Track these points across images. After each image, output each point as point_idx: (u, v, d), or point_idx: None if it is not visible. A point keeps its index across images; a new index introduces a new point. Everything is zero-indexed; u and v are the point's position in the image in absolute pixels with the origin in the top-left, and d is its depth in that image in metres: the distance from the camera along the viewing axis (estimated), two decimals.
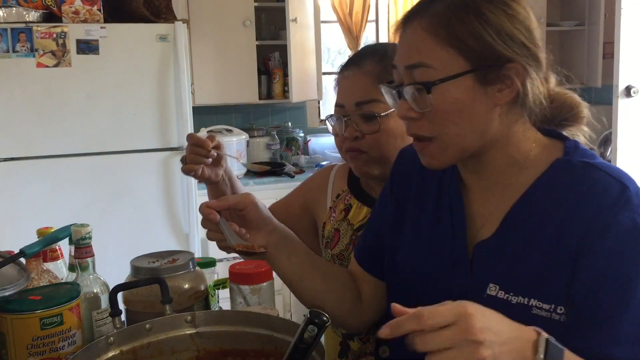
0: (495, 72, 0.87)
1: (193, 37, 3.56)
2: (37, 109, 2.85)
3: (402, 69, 0.91)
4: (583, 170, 0.88)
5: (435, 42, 0.87)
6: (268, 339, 1.00)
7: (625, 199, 0.83)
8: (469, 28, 0.86)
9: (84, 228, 1.18)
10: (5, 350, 1.03)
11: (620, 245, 0.82)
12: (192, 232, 3.12)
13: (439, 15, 0.88)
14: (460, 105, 0.87)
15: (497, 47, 0.86)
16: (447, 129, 0.89)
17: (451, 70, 0.86)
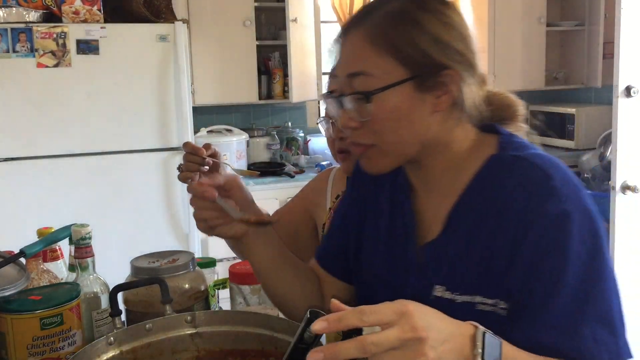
0: (432, 79, 0.89)
1: (193, 37, 3.56)
2: (37, 109, 2.86)
3: (343, 78, 0.92)
4: (513, 164, 0.91)
5: (375, 51, 0.89)
6: (268, 339, 1.00)
7: (549, 189, 0.86)
8: (406, 36, 0.89)
9: (84, 228, 1.18)
10: (5, 350, 1.03)
11: (548, 234, 0.84)
12: (192, 232, 3.12)
13: (377, 24, 0.90)
14: (400, 113, 0.90)
15: (434, 55, 0.89)
16: (386, 136, 0.91)
17: (390, 79, 0.89)
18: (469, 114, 0.94)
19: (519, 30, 4.04)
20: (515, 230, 0.86)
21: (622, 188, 2.86)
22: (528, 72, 4.08)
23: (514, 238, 0.87)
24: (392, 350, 0.67)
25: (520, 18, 4.03)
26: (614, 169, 2.88)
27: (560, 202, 0.85)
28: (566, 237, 0.83)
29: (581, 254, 0.83)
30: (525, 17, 4.05)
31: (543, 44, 4.10)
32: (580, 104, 4.19)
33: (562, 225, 0.84)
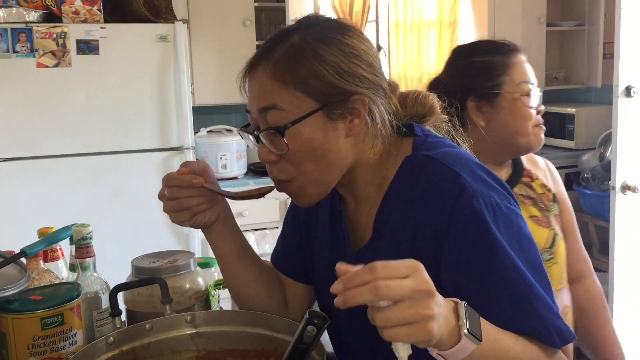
0: (341, 106, 0.92)
1: (193, 37, 3.56)
2: (37, 109, 2.86)
3: (256, 113, 0.94)
4: (424, 164, 0.95)
5: (282, 86, 0.91)
6: (268, 339, 1.00)
7: (460, 187, 0.89)
8: (309, 70, 0.91)
9: (85, 228, 1.18)
10: (6, 350, 1.03)
11: (467, 232, 0.87)
12: (192, 232, 3.12)
13: (280, 60, 0.92)
14: (314, 144, 0.92)
15: (339, 84, 0.92)
16: (304, 167, 0.94)
17: (300, 112, 0.91)
18: (381, 130, 0.98)
19: (519, 30, 4.04)
20: (435, 228, 0.90)
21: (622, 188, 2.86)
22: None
23: (436, 235, 0.89)
24: (401, 302, 0.70)
25: (520, 18, 4.04)
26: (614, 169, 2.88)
27: (472, 198, 0.87)
28: (480, 233, 0.86)
29: (504, 243, 0.86)
30: (525, 17, 4.05)
31: (543, 44, 4.10)
32: (580, 104, 4.19)
33: (477, 222, 0.86)
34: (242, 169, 3.59)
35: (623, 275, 2.52)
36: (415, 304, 0.70)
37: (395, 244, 0.95)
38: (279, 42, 0.94)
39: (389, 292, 0.69)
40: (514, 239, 0.88)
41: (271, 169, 0.97)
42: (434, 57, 4.46)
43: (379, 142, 0.99)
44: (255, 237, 3.43)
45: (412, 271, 0.71)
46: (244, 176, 3.60)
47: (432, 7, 4.40)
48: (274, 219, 3.51)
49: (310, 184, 0.96)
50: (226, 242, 1.10)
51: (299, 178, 0.95)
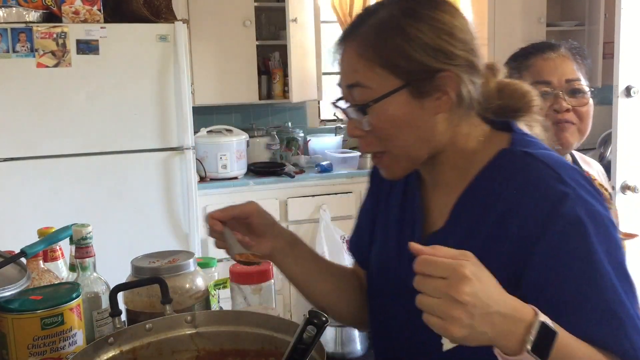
0: (427, 84, 0.91)
1: (193, 37, 3.56)
2: (37, 109, 2.86)
3: (344, 89, 0.96)
4: (522, 160, 0.91)
5: (366, 63, 0.92)
6: (268, 339, 1.00)
7: (562, 191, 0.85)
8: (395, 47, 0.90)
9: (85, 228, 1.18)
10: (6, 351, 1.03)
11: (566, 239, 0.84)
12: (192, 232, 3.12)
13: (366, 37, 0.92)
14: (399, 121, 0.92)
15: (425, 61, 0.90)
16: (392, 143, 0.94)
17: (384, 89, 0.91)
18: (474, 108, 0.96)
19: (519, 30, 4.04)
20: (525, 228, 0.86)
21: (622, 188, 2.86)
22: None
23: (522, 235, 0.86)
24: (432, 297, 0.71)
25: (520, 18, 4.04)
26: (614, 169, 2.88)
27: (575, 204, 0.84)
28: (581, 244, 0.83)
29: (602, 256, 0.83)
30: (525, 17, 4.05)
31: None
32: None
33: (579, 229, 0.83)
34: (242, 169, 3.59)
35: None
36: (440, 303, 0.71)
37: (468, 234, 0.93)
38: (365, 18, 0.94)
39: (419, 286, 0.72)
40: (611, 249, 0.85)
41: (360, 143, 0.98)
42: None
43: (469, 122, 0.97)
44: None
45: (451, 274, 0.72)
46: (244, 176, 3.60)
47: None
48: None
49: (398, 159, 0.96)
50: (288, 271, 1.13)
51: (388, 152, 0.96)
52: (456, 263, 0.72)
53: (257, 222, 1.09)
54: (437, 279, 0.71)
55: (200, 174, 3.41)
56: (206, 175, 3.49)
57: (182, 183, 3.10)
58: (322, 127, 4.32)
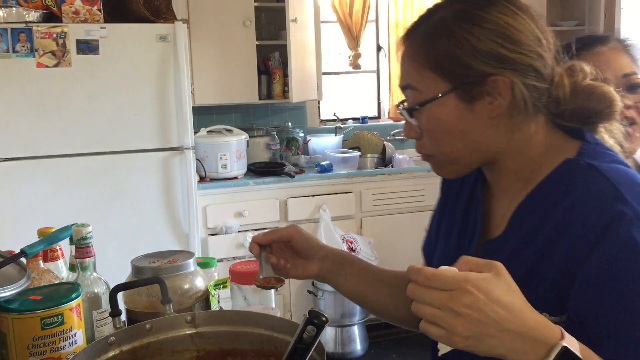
0: (476, 88, 0.89)
1: (193, 37, 3.56)
2: (37, 109, 2.86)
3: (401, 90, 0.98)
4: (584, 173, 0.87)
5: (416, 67, 0.92)
6: (268, 339, 1.00)
7: (620, 210, 0.80)
8: (442, 51, 0.89)
9: (85, 228, 1.18)
10: (6, 351, 1.03)
11: (616, 260, 0.79)
12: (192, 232, 3.12)
13: (418, 40, 0.93)
14: (447, 125, 0.91)
15: (473, 65, 0.88)
16: (440, 147, 0.94)
17: (433, 92, 0.90)
18: (534, 113, 0.91)
19: None
20: (576, 242, 0.82)
21: None
22: None
23: (573, 251, 0.82)
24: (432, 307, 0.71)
25: None
26: None
27: (631, 225, 0.79)
28: (634, 266, 0.79)
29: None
30: None
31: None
32: None
33: (631, 251, 0.79)
34: (242, 169, 3.59)
35: None
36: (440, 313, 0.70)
37: (524, 243, 0.90)
38: (422, 21, 0.94)
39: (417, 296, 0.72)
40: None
41: (416, 144, 0.99)
42: None
43: (534, 131, 0.92)
44: None
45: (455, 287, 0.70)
46: (244, 176, 3.60)
47: None
48: (274, 219, 3.51)
49: (446, 163, 0.96)
50: (341, 287, 1.17)
51: (436, 156, 0.96)
52: (458, 277, 0.70)
53: (300, 245, 1.13)
54: (436, 291, 0.70)
55: (200, 174, 3.42)
56: (206, 175, 3.49)
57: (182, 183, 3.10)
58: (322, 127, 4.32)
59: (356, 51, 4.33)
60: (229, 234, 3.41)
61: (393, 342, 3.71)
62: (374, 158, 4.04)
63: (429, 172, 3.83)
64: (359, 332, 3.60)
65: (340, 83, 4.59)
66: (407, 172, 3.81)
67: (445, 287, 0.70)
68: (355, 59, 4.35)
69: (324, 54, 4.26)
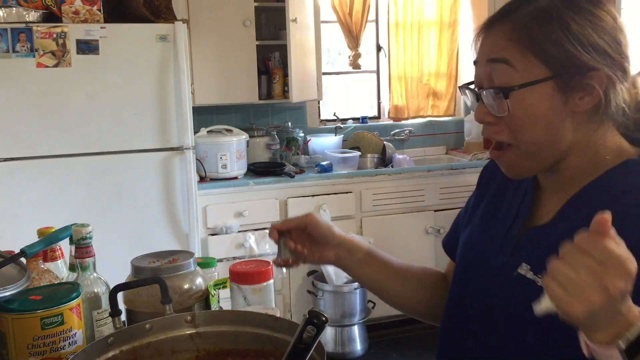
0: (577, 80, 0.87)
1: (193, 37, 3.56)
2: (37, 109, 2.86)
3: (484, 64, 0.92)
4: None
5: (517, 48, 0.88)
6: (268, 339, 1.00)
7: None
8: (551, 37, 0.87)
9: (85, 228, 1.18)
10: (5, 350, 1.03)
11: None
12: (192, 232, 3.12)
13: (522, 22, 0.89)
14: (538, 113, 0.88)
15: (580, 56, 0.87)
16: (522, 135, 0.90)
17: (531, 76, 0.88)
18: (612, 118, 0.91)
19: None
20: (630, 239, 0.78)
21: None
22: None
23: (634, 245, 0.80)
24: (574, 269, 0.68)
25: None
26: None
27: None
28: None
29: None
30: None
31: None
32: None
33: None
34: (242, 169, 3.59)
35: None
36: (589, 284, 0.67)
37: (568, 234, 0.82)
38: (522, 4, 0.91)
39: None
40: None
41: (485, 129, 0.94)
42: (434, 57, 4.47)
43: (606, 131, 0.92)
44: (255, 237, 3.43)
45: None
46: (244, 176, 3.60)
47: (432, 7, 4.40)
48: (274, 219, 3.51)
49: (525, 156, 0.92)
50: (356, 275, 1.20)
51: (515, 146, 0.91)
52: (626, 256, 0.68)
53: (316, 232, 1.15)
54: (591, 259, 0.67)
55: (200, 174, 3.42)
56: (206, 175, 3.49)
57: (182, 183, 3.10)
58: (322, 127, 4.32)
59: (356, 51, 4.33)
60: (229, 234, 3.41)
61: (393, 342, 3.71)
62: (374, 158, 4.04)
63: (428, 172, 3.83)
64: (359, 332, 3.60)
65: (340, 83, 4.59)
66: (407, 172, 3.81)
67: (601, 257, 0.67)
68: (355, 59, 4.35)
69: (324, 54, 4.26)
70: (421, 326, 3.90)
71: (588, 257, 0.68)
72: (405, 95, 4.44)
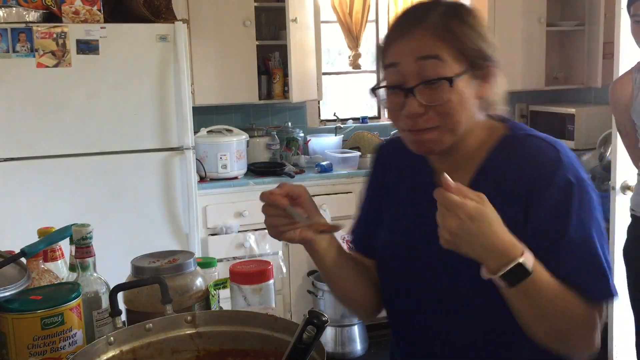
0: (482, 69, 1.06)
1: (193, 37, 3.56)
2: (37, 109, 2.86)
3: (412, 64, 1.03)
4: (525, 141, 1.09)
5: (442, 42, 1.02)
6: (268, 339, 1.00)
7: (558, 160, 1.04)
8: (463, 31, 1.04)
9: (85, 228, 1.18)
10: (6, 350, 1.03)
11: (557, 199, 1.02)
12: (192, 232, 3.12)
13: (439, 22, 1.04)
14: (463, 97, 1.04)
15: (484, 49, 1.06)
16: (450, 118, 1.04)
17: (459, 68, 1.03)
18: (494, 102, 1.09)
19: (519, 30, 4.04)
20: (529, 193, 1.03)
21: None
22: (528, 72, 4.08)
23: (525, 201, 1.03)
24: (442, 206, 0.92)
25: (520, 18, 4.04)
26: (613, 169, 2.88)
27: (567, 171, 1.02)
28: (570, 202, 1.01)
29: (580, 215, 1.01)
30: (525, 17, 4.05)
31: (543, 44, 4.10)
32: (580, 104, 4.19)
33: (568, 192, 1.01)
34: (242, 169, 3.59)
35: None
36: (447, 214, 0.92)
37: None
38: (429, 12, 1.05)
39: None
40: (592, 208, 1.03)
41: (415, 121, 1.05)
42: None
43: (486, 114, 1.10)
44: (255, 237, 3.43)
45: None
46: (244, 176, 3.60)
47: None
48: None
49: (448, 134, 1.05)
50: (320, 259, 1.16)
51: (442, 127, 1.04)
52: (461, 202, 0.91)
53: (306, 203, 1.13)
54: (441, 207, 0.92)
55: (200, 174, 3.42)
56: (206, 175, 3.49)
57: (182, 183, 3.10)
58: (322, 127, 4.32)
59: (356, 51, 4.33)
60: (229, 234, 3.41)
61: None
62: None
63: None
64: (359, 332, 3.60)
65: (340, 83, 4.59)
66: None
67: (448, 207, 0.92)
68: (355, 59, 4.35)
69: (324, 54, 4.26)
70: None
71: (440, 206, 0.93)
72: None
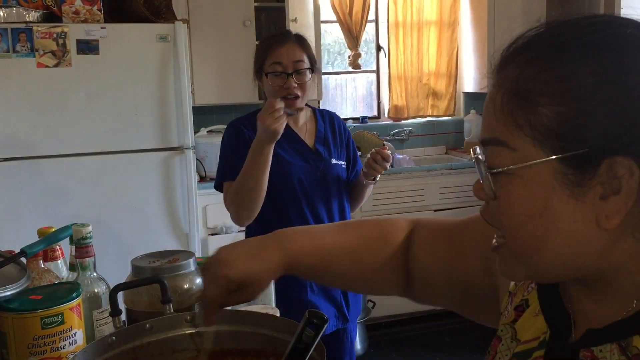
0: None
1: (193, 37, 3.56)
2: (37, 109, 2.86)
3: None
4: None
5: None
6: (268, 339, 1.00)
7: None
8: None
9: (85, 228, 1.18)
10: (6, 350, 1.03)
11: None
12: (192, 232, 3.12)
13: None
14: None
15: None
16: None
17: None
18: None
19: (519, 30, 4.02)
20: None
21: None
22: None
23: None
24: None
25: (520, 18, 4.04)
26: None
27: None
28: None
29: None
30: (525, 17, 4.05)
31: None
32: None
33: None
34: None
35: None
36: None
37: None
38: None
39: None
40: None
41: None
42: (434, 57, 4.47)
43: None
44: None
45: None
46: None
47: (432, 6, 4.40)
48: None
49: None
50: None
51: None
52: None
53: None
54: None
55: (200, 173, 3.42)
56: (206, 175, 3.49)
57: (182, 183, 3.10)
58: None
59: (356, 51, 4.33)
60: (229, 234, 3.41)
61: (393, 342, 3.71)
62: None
63: (428, 171, 3.83)
64: (359, 332, 3.60)
65: (340, 83, 4.59)
66: (407, 172, 3.80)
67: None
68: (355, 59, 4.35)
69: (324, 54, 4.26)
70: (421, 325, 3.90)
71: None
72: (405, 95, 4.44)
